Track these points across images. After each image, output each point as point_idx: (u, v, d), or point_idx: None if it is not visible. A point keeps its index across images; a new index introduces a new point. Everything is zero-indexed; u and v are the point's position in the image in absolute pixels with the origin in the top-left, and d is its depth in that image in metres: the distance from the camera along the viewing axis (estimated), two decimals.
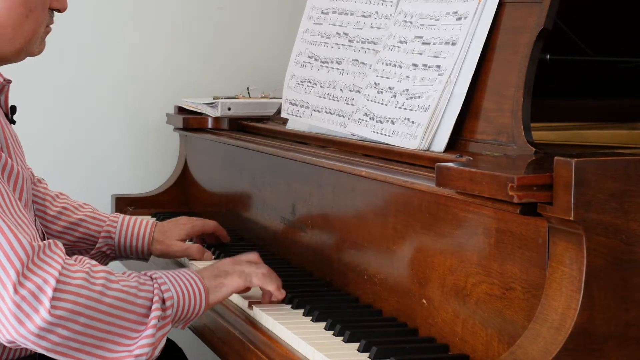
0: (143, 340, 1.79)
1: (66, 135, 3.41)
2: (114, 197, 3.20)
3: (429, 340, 1.75)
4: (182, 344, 2.53)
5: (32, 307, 1.71)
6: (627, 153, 1.49)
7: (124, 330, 1.78)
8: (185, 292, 1.88)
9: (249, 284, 1.99)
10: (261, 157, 2.56)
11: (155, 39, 3.50)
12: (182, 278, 1.90)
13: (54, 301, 1.72)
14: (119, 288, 1.79)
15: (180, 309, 1.87)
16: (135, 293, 1.81)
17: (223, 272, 1.98)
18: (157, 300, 1.82)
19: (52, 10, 2.03)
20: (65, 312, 1.73)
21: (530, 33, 1.84)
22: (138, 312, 1.80)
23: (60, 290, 1.73)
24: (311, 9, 2.57)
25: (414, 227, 1.82)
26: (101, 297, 1.76)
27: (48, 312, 1.71)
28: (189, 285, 1.90)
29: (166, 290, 1.85)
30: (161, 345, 1.83)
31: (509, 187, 1.44)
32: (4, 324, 1.72)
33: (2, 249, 1.72)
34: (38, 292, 1.71)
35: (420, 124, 2.00)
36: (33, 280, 1.72)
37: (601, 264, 1.41)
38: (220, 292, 1.96)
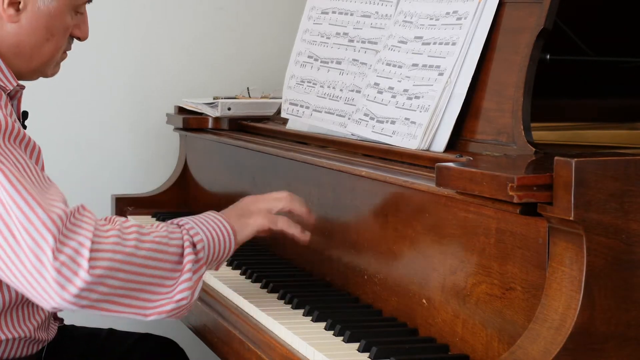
0: (181, 285, 1.83)
1: (66, 136, 3.42)
2: (114, 197, 3.20)
3: (429, 340, 1.75)
4: (182, 344, 2.53)
5: (72, 271, 1.73)
6: (627, 153, 1.49)
7: (161, 279, 1.82)
8: (214, 234, 1.92)
9: (274, 226, 2.02)
10: (261, 157, 2.56)
11: (155, 39, 3.50)
12: (209, 221, 1.93)
13: (92, 261, 1.74)
14: (151, 240, 1.83)
15: (211, 250, 1.90)
16: (167, 242, 1.84)
17: (247, 212, 2.01)
18: (188, 245, 1.86)
19: (72, 38, 2.09)
20: (103, 271, 1.75)
21: (530, 33, 1.84)
22: (172, 260, 1.83)
23: (96, 250, 1.75)
24: (311, 9, 2.57)
25: (414, 227, 1.82)
26: (135, 250, 1.79)
27: (87, 273, 1.74)
28: (217, 227, 1.93)
29: (195, 234, 1.88)
30: (199, 287, 1.86)
31: (509, 187, 1.44)
32: (48, 291, 1.74)
33: (37, 217, 1.74)
34: (75, 256, 1.74)
35: (420, 124, 2.00)
36: (69, 244, 1.74)
37: (601, 264, 1.41)
38: (245, 231, 1.99)
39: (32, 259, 1.73)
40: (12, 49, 1.98)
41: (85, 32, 2.10)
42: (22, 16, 1.97)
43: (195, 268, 1.86)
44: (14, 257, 1.74)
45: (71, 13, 2.03)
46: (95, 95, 3.45)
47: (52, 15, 1.99)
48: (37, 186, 1.81)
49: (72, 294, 1.74)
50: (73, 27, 2.06)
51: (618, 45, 2.24)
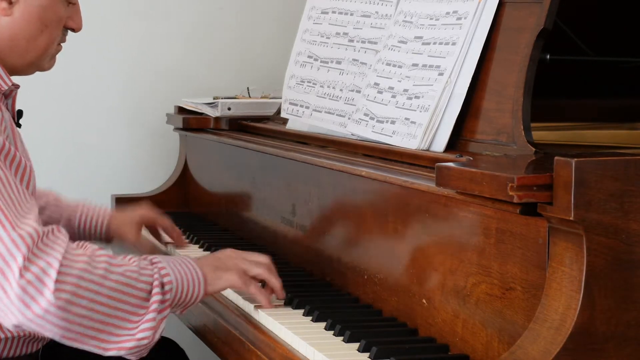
0: (145, 324, 1.82)
1: (66, 136, 3.41)
2: (114, 197, 3.20)
3: (429, 340, 1.75)
4: (182, 344, 2.53)
5: (37, 290, 1.73)
6: (627, 153, 1.49)
7: (126, 314, 1.81)
8: (184, 278, 1.90)
9: (245, 288, 2.00)
10: (261, 157, 2.56)
11: (155, 39, 3.50)
12: (183, 265, 1.92)
13: (58, 284, 1.74)
14: (121, 272, 1.81)
15: (178, 294, 1.89)
16: (137, 277, 1.83)
17: (224, 266, 1.99)
18: (157, 284, 1.85)
19: (66, 29, 2.08)
20: (68, 295, 1.75)
21: (530, 33, 1.84)
22: (139, 296, 1.82)
23: (63, 274, 1.75)
24: (311, 9, 2.57)
25: (414, 227, 1.82)
26: (103, 280, 1.78)
27: (52, 295, 1.73)
28: (188, 272, 1.91)
29: (165, 274, 1.87)
30: (161, 328, 1.85)
31: (509, 187, 1.44)
32: (10, 307, 1.74)
33: (8, 235, 1.74)
34: (42, 276, 1.73)
35: (420, 124, 2.00)
36: (37, 263, 1.74)
37: (601, 264, 1.41)
38: (217, 284, 1.97)
39: None
40: (6, 42, 1.98)
41: (79, 23, 2.09)
42: (15, 9, 1.97)
43: (160, 308, 1.84)
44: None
45: (63, 3, 2.03)
46: (95, 95, 3.45)
47: (44, 6, 1.98)
48: (13, 205, 1.79)
49: (36, 314, 1.74)
50: (66, 19, 2.05)
51: (618, 45, 2.24)
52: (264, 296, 2.00)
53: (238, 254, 2.04)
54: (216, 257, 2.01)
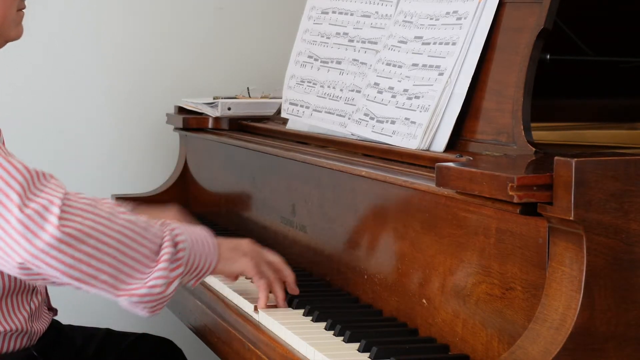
0: (157, 273, 1.78)
1: (66, 135, 3.41)
2: (114, 197, 3.20)
3: (429, 341, 1.75)
4: (182, 344, 2.53)
5: (39, 224, 1.70)
6: (627, 153, 1.49)
7: (136, 261, 1.77)
8: (198, 243, 1.88)
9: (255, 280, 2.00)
10: (261, 157, 2.56)
11: (155, 39, 3.50)
12: (196, 231, 1.90)
13: (62, 219, 1.71)
14: (128, 218, 1.79)
15: (192, 256, 1.86)
16: (146, 227, 1.81)
17: (241, 251, 1.98)
18: (168, 239, 1.82)
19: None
20: (74, 231, 1.71)
21: (530, 33, 1.84)
22: (149, 247, 1.79)
23: (67, 208, 1.72)
24: (311, 9, 2.57)
25: (414, 227, 1.82)
26: (109, 222, 1.76)
27: (57, 228, 1.70)
28: (204, 240, 1.90)
29: (178, 234, 1.85)
30: (175, 285, 1.82)
31: (509, 187, 1.44)
32: (12, 245, 1.70)
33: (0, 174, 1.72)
34: (44, 211, 1.70)
35: (420, 124, 2.00)
36: (37, 201, 1.71)
37: (601, 264, 1.41)
38: (230, 266, 1.97)
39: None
40: None
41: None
42: None
43: (173, 266, 1.81)
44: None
45: None
46: (95, 95, 3.45)
47: None
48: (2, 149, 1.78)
49: (40, 249, 1.69)
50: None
51: (618, 45, 2.24)
52: (264, 295, 2.00)
53: (255, 247, 2.03)
54: (234, 241, 2.00)
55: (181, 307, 2.39)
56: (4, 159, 1.74)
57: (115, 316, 3.19)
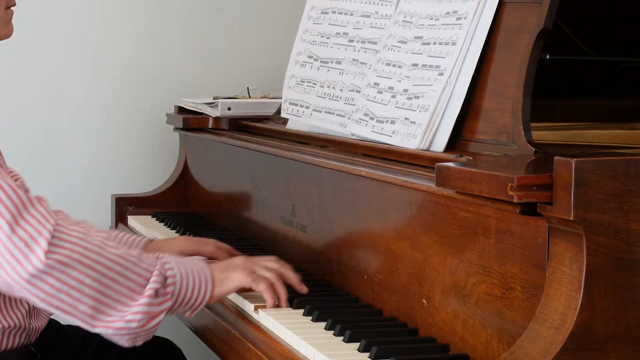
0: (137, 308, 1.80)
1: (66, 135, 3.41)
2: (114, 197, 3.20)
3: (429, 340, 1.75)
4: (182, 344, 2.53)
5: (25, 254, 1.71)
6: (627, 153, 1.49)
7: (119, 295, 1.79)
8: (189, 276, 1.89)
9: (254, 287, 2.00)
10: (261, 157, 2.56)
11: (155, 39, 3.50)
12: (190, 264, 1.91)
13: (49, 251, 1.72)
14: (118, 253, 1.80)
15: (182, 291, 1.87)
16: (135, 262, 1.82)
17: (232, 267, 1.99)
18: (157, 274, 1.83)
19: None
20: (57, 262, 1.73)
21: (530, 33, 1.84)
22: (135, 281, 1.81)
23: (55, 240, 1.73)
24: (311, 9, 2.57)
25: (414, 227, 1.82)
26: (97, 255, 1.77)
27: (41, 259, 1.71)
28: (195, 271, 1.91)
29: (169, 269, 1.86)
30: (157, 320, 1.83)
31: (509, 187, 1.44)
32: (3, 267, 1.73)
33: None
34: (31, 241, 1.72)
35: (420, 123, 2.00)
36: (26, 229, 1.73)
37: (601, 264, 1.41)
38: (225, 285, 1.97)
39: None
40: None
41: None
42: None
43: (159, 301, 1.83)
44: None
45: None
46: (95, 95, 3.45)
47: None
48: None
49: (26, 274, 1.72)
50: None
51: (618, 45, 2.24)
52: (270, 295, 2.00)
53: (248, 259, 2.04)
54: (226, 262, 2.02)
55: None
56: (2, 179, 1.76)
57: None
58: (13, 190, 1.75)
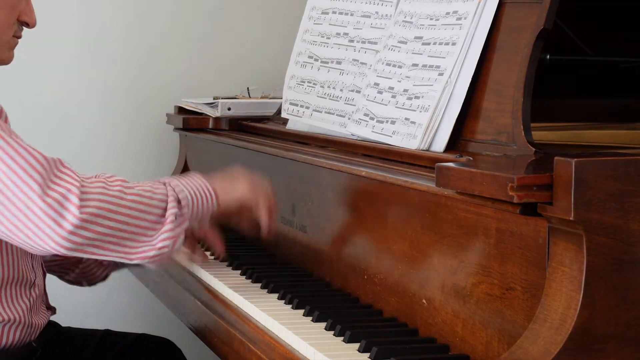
0: (163, 234, 1.95)
1: (66, 135, 3.42)
2: None
3: (429, 341, 1.75)
4: (182, 344, 2.53)
5: (61, 212, 1.84)
6: (627, 153, 1.49)
7: (144, 229, 1.94)
8: (197, 192, 2.04)
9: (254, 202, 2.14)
10: (261, 157, 2.56)
11: (155, 39, 3.50)
12: (193, 181, 2.06)
13: (82, 204, 1.85)
14: (135, 192, 1.96)
15: (195, 207, 2.02)
16: (151, 195, 1.97)
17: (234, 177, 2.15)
18: (172, 200, 1.98)
19: (21, 24, 2.12)
20: (91, 215, 1.86)
21: (530, 33, 1.84)
22: (155, 213, 1.96)
23: (85, 195, 1.87)
24: (311, 9, 2.57)
25: (414, 227, 1.82)
26: (119, 200, 1.92)
27: (78, 213, 1.84)
28: (200, 187, 2.05)
29: (180, 191, 2.00)
30: (180, 239, 1.98)
31: (509, 187, 1.44)
32: (40, 231, 1.84)
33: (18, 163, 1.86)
34: (63, 199, 1.85)
35: (420, 124, 2.00)
36: (56, 189, 1.85)
37: (601, 264, 1.41)
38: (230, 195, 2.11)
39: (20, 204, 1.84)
40: None
41: (33, 18, 2.14)
42: None
43: (178, 222, 1.97)
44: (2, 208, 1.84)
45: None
46: (95, 95, 3.45)
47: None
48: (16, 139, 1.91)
49: (64, 234, 1.84)
50: (20, 12, 2.10)
51: (618, 45, 2.24)
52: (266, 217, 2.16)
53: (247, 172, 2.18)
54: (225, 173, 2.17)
55: (181, 307, 2.39)
56: (22, 147, 1.89)
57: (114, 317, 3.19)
58: (39, 154, 1.90)
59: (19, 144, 1.89)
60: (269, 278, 2.19)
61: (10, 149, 1.87)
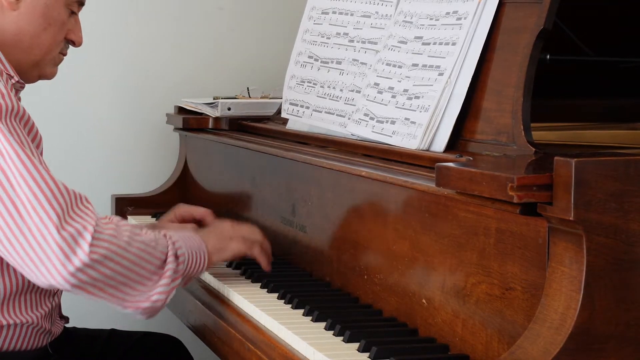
0: (159, 288, 1.97)
1: (66, 135, 3.41)
2: (114, 197, 3.20)
3: (429, 341, 1.75)
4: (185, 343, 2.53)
5: (73, 249, 1.86)
6: (627, 153, 1.49)
7: (143, 278, 1.96)
8: (193, 252, 2.06)
9: (249, 252, 2.20)
10: (261, 157, 2.56)
11: (155, 39, 3.50)
12: (191, 239, 2.08)
13: (92, 246, 1.87)
14: (141, 240, 1.96)
15: (189, 265, 2.04)
16: (154, 246, 1.98)
17: (227, 236, 2.17)
18: (171, 254, 2.00)
19: (67, 42, 2.18)
20: (100, 257, 1.88)
21: (530, 33, 1.84)
22: (155, 264, 1.97)
23: (97, 238, 1.88)
24: (311, 9, 2.57)
25: (414, 227, 1.82)
26: (127, 246, 1.93)
27: (87, 255, 1.86)
28: (196, 247, 2.07)
29: (179, 247, 2.03)
30: (172, 295, 2.00)
31: (509, 187, 1.44)
32: (47, 263, 1.85)
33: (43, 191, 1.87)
34: (78, 236, 1.86)
35: (420, 124, 2.00)
36: (74, 225, 1.87)
37: (601, 264, 1.41)
38: (223, 254, 2.16)
39: (35, 232, 1.84)
40: (12, 37, 2.07)
41: (79, 37, 2.20)
42: (22, 4, 2.07)
43: (174, 277, 2.00)
44: (17, 233, 1.85)
45: (67, 9, 2.13)
46: (95, 95, 3.45)
47: (48, 5, 2.10)
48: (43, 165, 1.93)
49: (70, 272, 1.85)
50: (68, 30, 2.15)
51: (618, 45, 2.24)
52: (264, 258, 2.22)
53: (234, 224, 2.22)
54: (218, 230, 2.20)
55: (181, 307, 2.39)
56: (50, 178, 1.89)
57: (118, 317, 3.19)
58: (64, 186, 1.90)
59: (47, 172, 1.90)
60: (268, 278, 2.19)
61: (38, 174, 1.88)
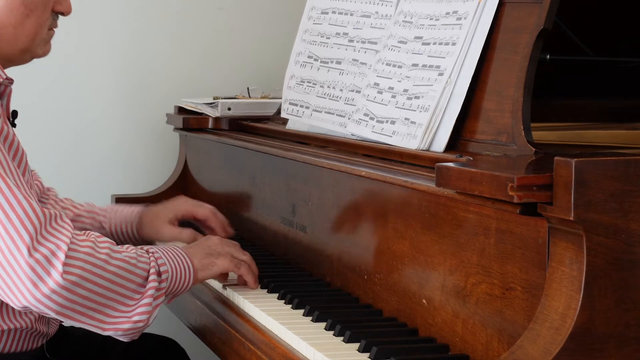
0: (140, 308, 1.90)
1: (66, 135, 3.42)
2: (114, 197, 3.20)
3: (429, 341, 1.75)
4: (184, 343, 2.53)
5: (46, 271, 1.80)
6: (627, 153, 1.49)
7: (123, 297, 1.89)
8: (178, 268, 1.99)
9: (236, 270, 2.13)
10: (261, 157, 2.56)
11: (155, 39, 3.50)
12: (175, 254, 2.01)
13: (66, 266, 1.81)
14: (121, 258, 1.89)
15: (173, 282, 1.98)
16: (135, 264, 1.91)
17: (215, 252, 2.10)
18: (153, 272, 1.93)
19: (56, 14, 2.10)
20: (75, 277, 1.82)
21: (530, 33, 1.84)
22: (136, 282, 1.90)
23: (71, 257, 1.82)
24: (311, 9, 2.57)
25: (414, 227, 1.82)
26: (105, 265, 1.86)
27: (61, 276, 1.80)
28: (181, 263, 2.00)
29: (162, 264, 1.96)
30: (155, 314, 1.93)
31: (509, 187, 1.44)
32: (19, 286, 1.80)
33: (16, 214, 1.81)
34: (51, 257, 1.80)
35: (420, 124, 2.00)
36: (46, 245, 1.81)
37: (601, 264, 1.41)
38: (210, 270, 2.08)
39: (7, 254, 1.79)
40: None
41: (68, 6, 2.12)
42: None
43: (156, 295, 1.93)
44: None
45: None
46: (95, 95, 3.45)
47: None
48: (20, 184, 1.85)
49: (44, 294, 1.80)
50: (54, 3, 2.07)
51: (618, 45, 2.24)
52: (251, 276, 2.14)
53: (222, 240, 2.15)
54: (205, 245, 2.12)
55: (181, 307, 2.39)
56: (24, 198, 1.82)
57: None
58: (39, 207, 1.83)
59: (21, 192, 1.83)
60: (269, 278, 2.19)
61: (11, 196, 1.81)
